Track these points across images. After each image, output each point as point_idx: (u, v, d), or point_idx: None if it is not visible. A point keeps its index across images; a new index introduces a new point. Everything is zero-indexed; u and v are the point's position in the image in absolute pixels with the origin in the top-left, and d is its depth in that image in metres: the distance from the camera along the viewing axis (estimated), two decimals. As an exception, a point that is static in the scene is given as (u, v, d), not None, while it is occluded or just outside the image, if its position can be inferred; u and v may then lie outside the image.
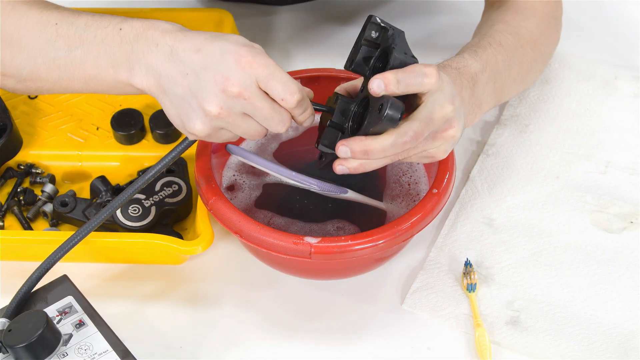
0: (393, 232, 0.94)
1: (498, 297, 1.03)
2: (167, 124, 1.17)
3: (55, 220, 1.11)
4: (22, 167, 1.17)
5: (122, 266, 1.07)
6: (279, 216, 1.03)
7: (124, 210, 1.06)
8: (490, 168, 1.16)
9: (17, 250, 1.05)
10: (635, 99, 1.25)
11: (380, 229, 0.95)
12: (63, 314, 0.94)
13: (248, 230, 0.95)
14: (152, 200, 1.08)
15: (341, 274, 1.04)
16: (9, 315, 0.92)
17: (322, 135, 0.94)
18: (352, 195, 1.02)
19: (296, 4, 1.42)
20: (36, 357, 0.88)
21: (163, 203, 1.08)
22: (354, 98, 0.96)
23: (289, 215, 1.03)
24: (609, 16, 1.40)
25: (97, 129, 1.20)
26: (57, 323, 0.92)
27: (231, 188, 1.07)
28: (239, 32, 1.31)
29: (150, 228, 1.06)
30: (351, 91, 0.97)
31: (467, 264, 1.04)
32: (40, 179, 1.15)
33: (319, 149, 0.94)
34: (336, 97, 0.95)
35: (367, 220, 1.03)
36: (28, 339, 0.87)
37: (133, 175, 1.16)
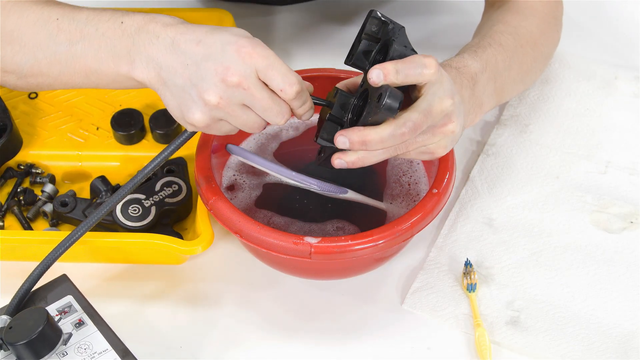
0: (393, 232, 0.94)
1: (498, 297, 1.03)
2: (167, 124, 1.17)
3: (55, 220, 1.11)
4: (22, 167, 1.17)
5: (122, 266, 1.07)
6: (279, 216, 1.03)
7: (124, 210, 1.06)
8: (490, 168, 1.16)
9: (17, 250, 1.05)
10: (635, 99, 1.25)
11: (380, 229, 0.95)
12: (63, 314, 0.94)
13: (248, 230, 0.95)
14: (152, 200, 1.08)
15: (341, 274, 1.04)
16: (10, 313, 0.93)
17: (321, 128, 0.94)
18: (352, 195, 1.02)
19: (296, 4, 1.42)
20: (36, 354, 0.88)
21: (163, 203, 1.08)
22: (354, 94, 0.96)
23: (289, 215, 1.03)
24: (609, 16, 1.40)
25: (97, 129, 1.20)
26: (57, 322, 0.92)
27: (231, 188, 1.07)
28: (239, 32, 1.31)
29: (150, 228, 1.06)
30: (351, 87, 0.97)
31: (467, 264, 1.04)
32: (40, 179, 1.15)
33: (317, 142, 0.94)
34: (336, 91, 0.95)
35: (367, 220, 1.03)
36: (28, 336, 0.87)
37: (133, 175, 1.15)
